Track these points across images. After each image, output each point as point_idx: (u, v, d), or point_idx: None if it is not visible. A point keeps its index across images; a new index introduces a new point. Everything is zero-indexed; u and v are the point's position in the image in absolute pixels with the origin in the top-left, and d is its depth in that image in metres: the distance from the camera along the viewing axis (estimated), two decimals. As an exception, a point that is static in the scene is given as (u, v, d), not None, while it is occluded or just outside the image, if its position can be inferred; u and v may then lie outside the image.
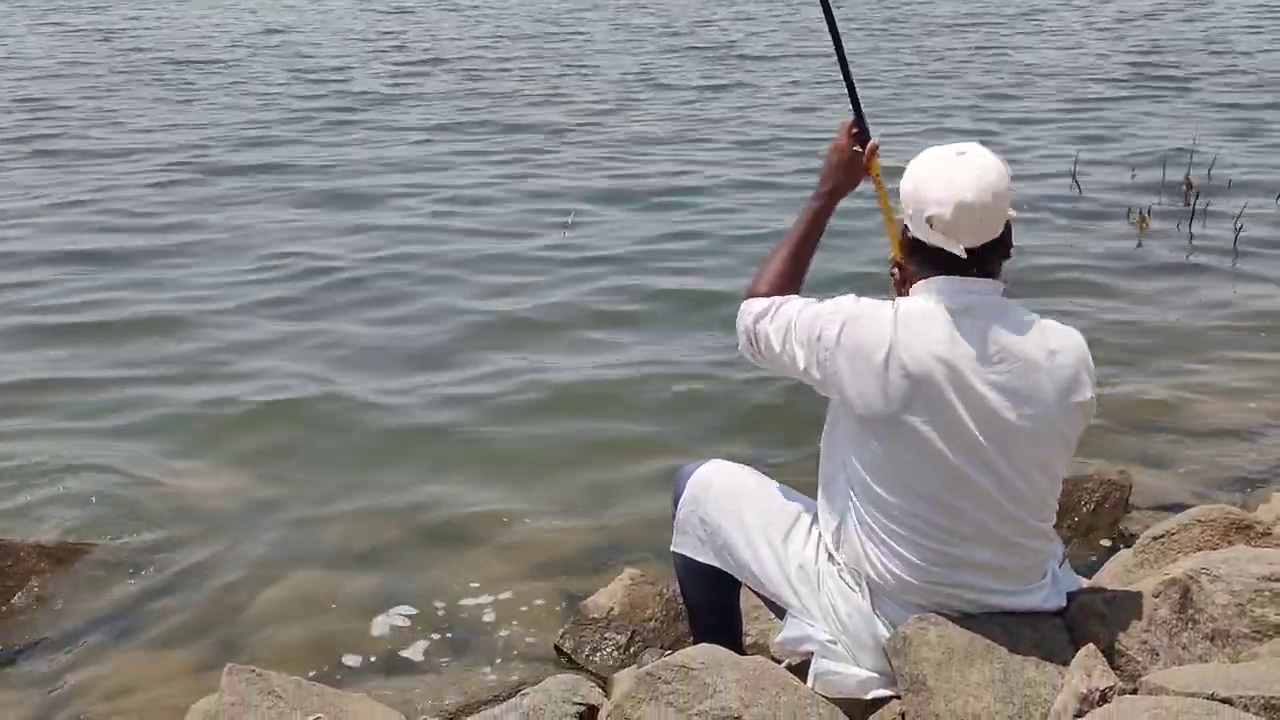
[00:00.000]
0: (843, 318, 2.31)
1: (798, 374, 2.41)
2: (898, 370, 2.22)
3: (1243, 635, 2.36)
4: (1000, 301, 2.30)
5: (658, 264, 6.94)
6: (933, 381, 2.22)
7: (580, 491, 4.25)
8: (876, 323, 2.28)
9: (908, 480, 2.28)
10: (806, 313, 2.39)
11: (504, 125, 10.97)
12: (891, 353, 2.23)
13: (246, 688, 2.53)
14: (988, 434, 2.24)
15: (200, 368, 5.44)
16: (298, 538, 3.99)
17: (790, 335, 2.39)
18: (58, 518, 4.09)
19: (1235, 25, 18.22)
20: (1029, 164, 9.04)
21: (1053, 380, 2.27)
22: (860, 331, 2.28)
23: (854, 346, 2.27)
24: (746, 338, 2.51)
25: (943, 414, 2.23)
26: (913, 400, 2.22)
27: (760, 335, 2.47)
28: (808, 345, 2.35)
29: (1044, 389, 2.26)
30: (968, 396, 2.22)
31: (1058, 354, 2.28)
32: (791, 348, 2.39)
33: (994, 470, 2.25)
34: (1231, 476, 4.31)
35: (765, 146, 10.06)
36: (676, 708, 2.10)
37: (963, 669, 2.20)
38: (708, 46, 16.41)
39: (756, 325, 2.48)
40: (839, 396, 2.33)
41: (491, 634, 3.44)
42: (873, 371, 2.24)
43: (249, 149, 10.01)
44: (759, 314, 2.48)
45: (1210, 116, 11.12)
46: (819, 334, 2.33)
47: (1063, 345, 2.30)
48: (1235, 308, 6.16)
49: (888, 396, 2.23)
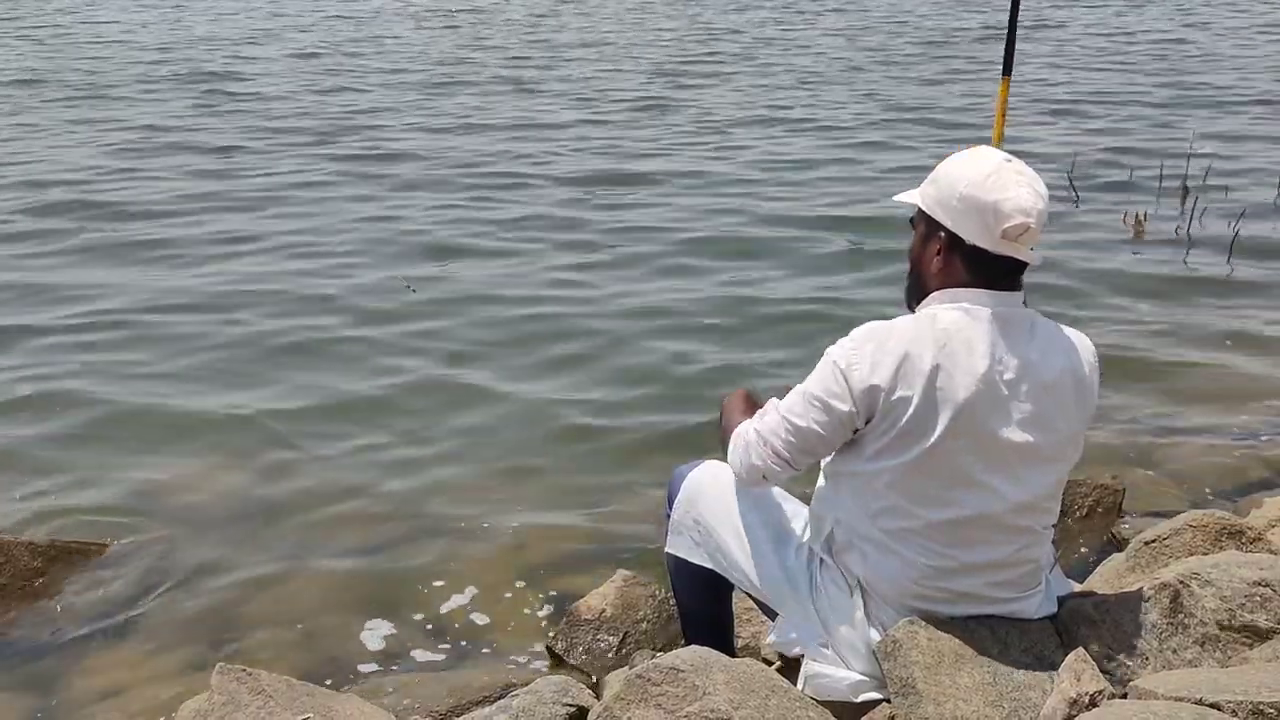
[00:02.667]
0: (867, 344, 2.22)
1: (837, 430, 2.27)
2: (940, 386, 2.18)
3: (1233, 640, 2.36)
4: (1029, 313, 2.28)
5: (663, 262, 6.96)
6: (973, 399, 2.18)
7: (573, 493, 4.25)
8: (913, 334, 2.21)
9: (925, 492, 2.24)
10: (813, 379, 2.28)
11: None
12: (938, 368, 2.18)
13: (237, 686, 2.53)
14: (1015, 451, 2.23)
15: (197, 370, 5.44)
16: (290, 538, 3.99)
17: (807, 404, 2.27)
18: (50, 516, 4.10)
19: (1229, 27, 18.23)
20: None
21: (1077, 394, 2.28)
22: (900, 346, 2.20)
23: (898, 357, 2.19)
24: (758, 458, 2.36)
25: (977, 431, 2.20)
26: (950, 416, 2.18)
27: (770, 435, 2.33)
28: (831, 394, 2.23)
29: (1069, 404, 2.27)
30: (1002, 413, 2.20)
31: (1081, 367, 2.29)
32: (815, 410, 2.26)
33: (1012, 484, 2.25)
34: (1225, 482, 4.31)
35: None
36: (665, 710, 2.10)
37: (952, 673, 2.20)
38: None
39: (761, 431, 2.35)
40: (886, 420, 2.22)
41: (483, 635, 3.44)
42: (917, 382, 2.18)
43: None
44: (755, 427, 2.37)
45: (1207, 118, 11.13)
46: (846, 369, 2.21)
47: (1085, 359, 2.31)
48: (1231, 311, 6.16)
49: (924, 409, 2.19)
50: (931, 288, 2.30)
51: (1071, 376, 2.27)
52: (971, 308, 2.23)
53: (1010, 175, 2.21)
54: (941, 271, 2.28)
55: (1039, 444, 2.24)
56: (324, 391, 5.16)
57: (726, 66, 14.83)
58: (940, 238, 2.27)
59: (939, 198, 2.27)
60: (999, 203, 2.18)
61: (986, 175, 2.21)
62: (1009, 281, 2.27)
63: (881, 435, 2.23)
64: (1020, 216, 2.17)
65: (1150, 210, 7.87)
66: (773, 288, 6.50)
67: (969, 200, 2.21)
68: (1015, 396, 2.21)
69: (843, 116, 11.42)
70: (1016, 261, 2.24)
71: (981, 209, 2.19)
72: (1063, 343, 2.29)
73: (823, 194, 8.55)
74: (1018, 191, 2.19)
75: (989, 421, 2.20)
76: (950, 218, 2.24)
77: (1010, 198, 2.18)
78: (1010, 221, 2.18)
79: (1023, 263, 2.25)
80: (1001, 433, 2.21)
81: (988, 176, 2.21)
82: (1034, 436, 2.23)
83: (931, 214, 2.29)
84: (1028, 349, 2.23)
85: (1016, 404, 2.21)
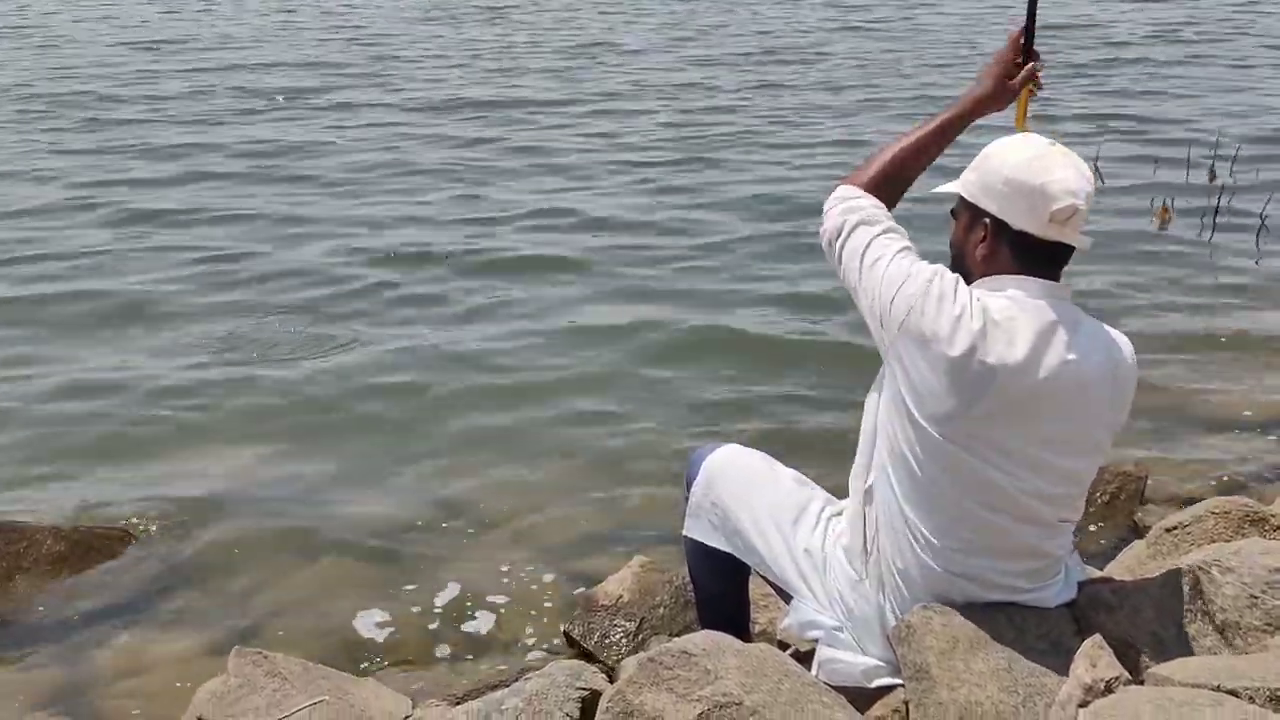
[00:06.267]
0: (916, 296, 2.16)
1: (885, 252, 2.25)
2: (977, 376, 2.13)
3: (1253, 628, 2.32)
4: (1074, 309, 2.24)
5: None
6: (1013, 392, 2.14)
7: (590, 478, 4.26)
8: (957, 312, 2.15)
9: (955, 481, 2.20)
10: (880, 265, 2.23)
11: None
12: (973, 356, 2.13)
13: (253, 670, 2.55)
14: (1050, 447, 2.20)
15: (216, 353, 5.48)
16: (311, 523, 4.01)
17: (860, 269, 2.25)
18: (72, 501, 4.14)
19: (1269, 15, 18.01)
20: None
21: (1113, 395, 2.25)
22: (937, 320, 2.15)
23: (929, 333, 2.15)
24: (831, 227, 2.34)
25: (1015, 426, 2.17)
26: (988, 408, 2.14)
27: (840, 232, 2.31)
28: (876, 297, 2.21)
29: (1104, 403, 2.24)
30: (1036, 406, 2.17)
31: (1120, 368, 2.25)
32: (862, 279, 2.25)
33: (1043, 478, 2.22)
34: (1250, 470, 4.27)
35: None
36: (677, 694, 2.09)
37: (967, 658, 2.18)
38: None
39: (840, 217, 2.32)
40: (900, 372, 2.20)
41: (500, 621, 3.45)
42: (946, 368, 2.14)
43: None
44: (845, 209, 2.33)
45: (1237, 109, 11.00)
46: (892, 297, 2.18)
47: (1125, 360, 2.27)
48: (1258, 301, 6.10)
49: (959, 398, 2.14)
50: (976, 276, 2.26)
51: (1110, 376, 2.24)
52: (1017, 295, 2.19)
53: (1057, 157, 2.18)
54: (987, 259, 2.24)
55: (1070, 440, 2.22)
56: (344, 381, 5.17)
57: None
58: (985, 224, 2.23)
59: (983, 183, 2.23)
60: (1046, 185, 2.15)
61: (1032, 158, 2.18)
62: (1054, 270, 2.23)
63: (908, 414, 2.19)
64: (1069, 198, 2.14)
65: (1177, 196, 7.79)
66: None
67: (1015, 183, 2.17)
68: (1051, 390, 2.17)
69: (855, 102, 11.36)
70: (1063, 247, 2.21)
71: (1029, 191, 2.16)
72: (1104, 341, 2.25)
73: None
74: (1064, 174, 2.16)
75: (1022, 412, 2.16)
76: (996, 202, 2.21)
77: (1057, 179, 2.15)
78: (1059, 204, 2.14)
79: (1068, 249, 2.22)
80: (1033, 425, 2.18)
81: (1033, 159, 2.18)
82: (1066, 432, 2.21)
83: (975, 201, 2.24)
84: (1069, 344, 2.18)
85: (1052, 398, 2.17)
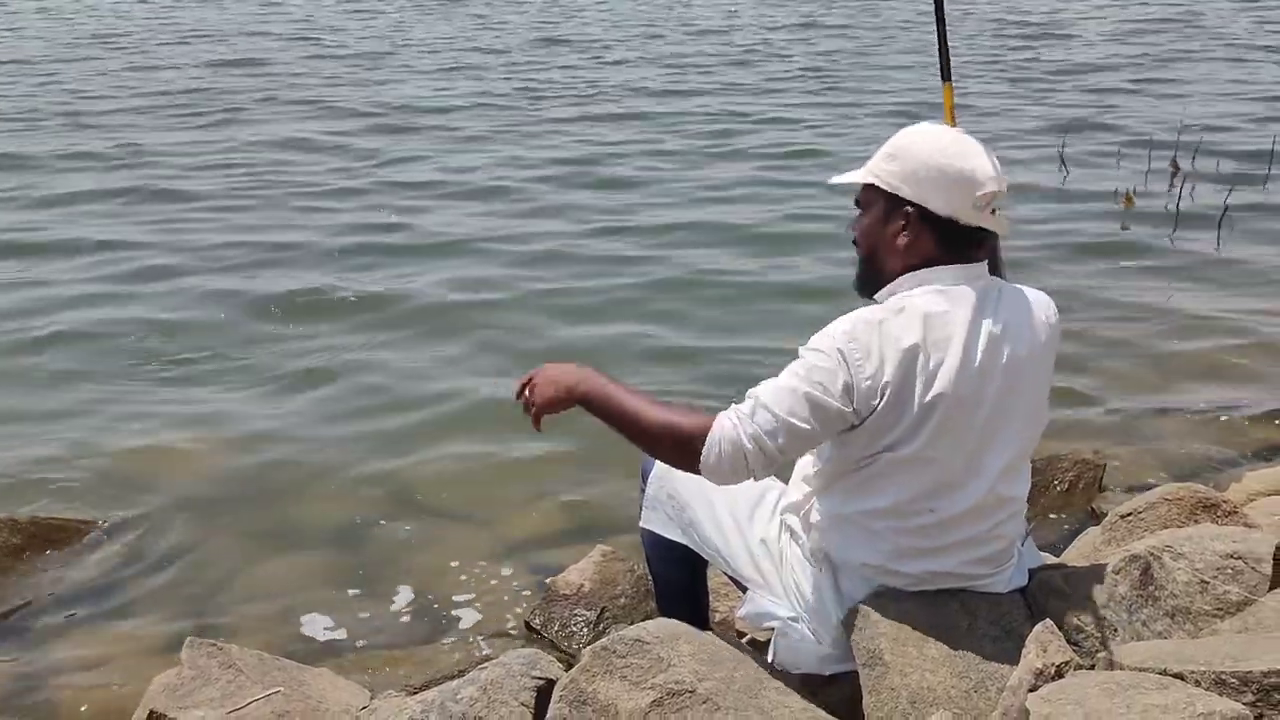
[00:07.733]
0: (865, 335, 2.11)
1: (829, 420, 2.13)
2: (926, 375, 2.11)
3: (1204, 612, 2.35)
4: (995, 282, 2.24)
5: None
6: (959, 384, 2.13)
7: (551, 468, 4.24)
8: (900, 323, 2.12)
9: (911, 473, 2.19)
10: (803, 372, 2.12)
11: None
12: (926, 357, 2.11)
13: (207, 661, 2.53)
14: (999, 425, 2.20)
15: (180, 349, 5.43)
16: (270, 517, 3.99)
17: (797, 398, 2.11)
18: (30, 492, 4.09)
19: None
20: (1016, 146, 9.03)
21: (1044, 355, 2.26)
22: (894, 335, 2.11)
23: (894, 345, 2.10)
24: (764, 448, 2.13)
25: (963, 415, 2.15)
26: (937, 405, 2.13)
27: (759, 424, 2.13)
28: (826, 390, 2.10)
29: (1039, 368, 2.25)
30: (984, 393, 2.16)
31: (1046, 327, 2.26)
32: (807, 402, 2.11)
33: (995, 458, 2.22)
34: (1208, 458, 4.30)
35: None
36: (630, 681, 2.09)
37: (920, 644, 2.19)
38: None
39: (740, 421, 2.14)
40: (878, 408, 2.12)
41: (461, 611, 3.44)
42: (909, 371, 2.11)
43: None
44: (734, 420, 2.14)
45: (1199, 98, 11.09)
46: (850, 361, 2.10)
47: (1048, 318, 2.28)
48: (1218, 289, 6.16)
49: (913, 399, 2.12)
50: (893, 270, 2.23)
51: (1040, 340, 2.25)
52: (946, 289, 2.17)
53: (972, 143, 2.19)
54: (908, 248, 2.20)
55: (1017, 414, 2.23)
56: (307, 372, 5.14)
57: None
58: (906, 213, 2.20)
59: (904, 171, 2.19)
60: (973, 170, 2.14)
61: (950, 144, 2.18)
62: (977, 255, 2.22)
63: (870, 428, 2.16)
64: (993, 183, 2.15)
65: (1140, 185, 7.85)
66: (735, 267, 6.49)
67: (941, 169, 2.15)
68: (994, 374, 2.17)
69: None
70: (984, 232, 2.21)
71: (955, 176, 2.15)
72: (1026, 306, 2.26)
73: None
74: (983, 160, 2.16)
75: (973, 404, 2.16)
76: (919, 191, 2.18)
77: (980, 165, 2.16)
78: (984, 189, 2.14)
79: (988, 233, 2.22)
80: (984, 413, 2.18)
81: (951, 145, 2.18)
82: (1013, 408, 2.21)
83: (894, 189, 2.20)
84: (1000, 321, 2.19)
85: (996, 381, 2.18)
